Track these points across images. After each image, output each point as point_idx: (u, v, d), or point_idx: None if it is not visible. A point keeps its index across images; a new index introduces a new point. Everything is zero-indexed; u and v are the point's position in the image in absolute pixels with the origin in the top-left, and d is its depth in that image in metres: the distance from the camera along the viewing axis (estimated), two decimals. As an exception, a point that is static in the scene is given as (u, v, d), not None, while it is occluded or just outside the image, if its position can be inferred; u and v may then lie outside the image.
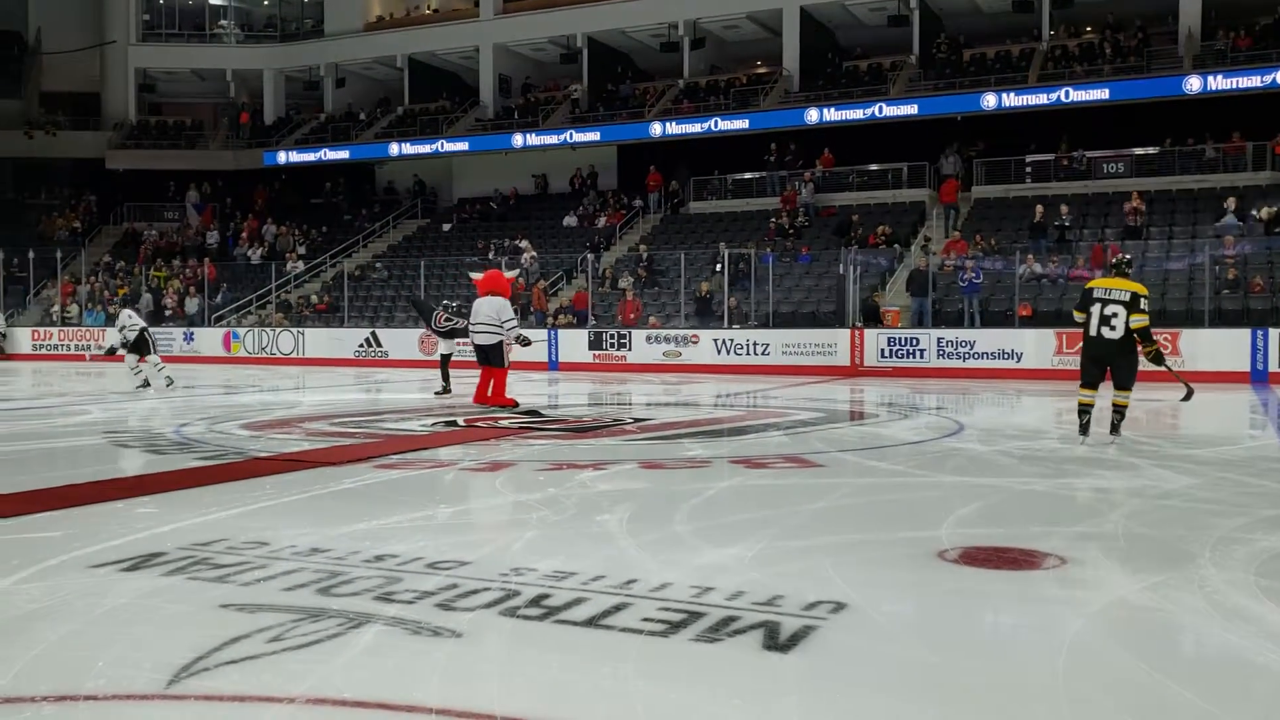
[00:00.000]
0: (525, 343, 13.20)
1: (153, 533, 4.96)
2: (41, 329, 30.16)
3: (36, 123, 37.07)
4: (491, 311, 12.06)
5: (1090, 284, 9.00)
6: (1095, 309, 8.64)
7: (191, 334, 27.97)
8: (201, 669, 3.06)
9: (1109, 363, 8.75)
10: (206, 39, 38.13)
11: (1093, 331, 8.67)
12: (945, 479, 7.05)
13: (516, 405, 12.03)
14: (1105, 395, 8.94)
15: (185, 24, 38.12)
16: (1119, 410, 8.89)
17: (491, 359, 12.06)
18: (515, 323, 12.46)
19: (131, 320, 15.34)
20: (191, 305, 29.63)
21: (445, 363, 14.72)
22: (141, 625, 3.54)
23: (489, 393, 12.15)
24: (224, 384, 18.18)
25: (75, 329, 29.66)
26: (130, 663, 3.13)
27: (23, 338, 29.90)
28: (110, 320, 29.81)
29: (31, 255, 31.81)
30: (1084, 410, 8.86)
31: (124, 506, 5.74)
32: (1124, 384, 8.81)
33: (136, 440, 9.00)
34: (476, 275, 13.22)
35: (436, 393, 14.29)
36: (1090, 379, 8.85)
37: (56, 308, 30.88)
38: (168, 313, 29.79)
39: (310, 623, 3.52)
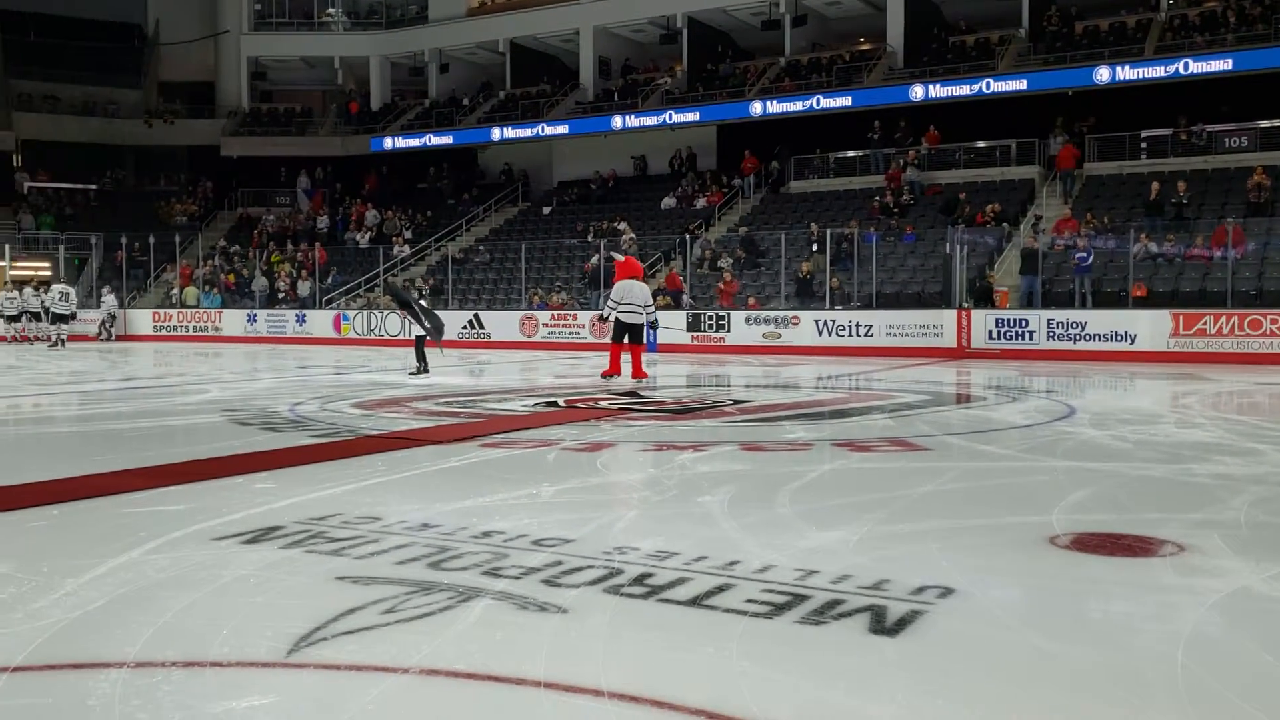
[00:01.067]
0: (656, 325, 14.33)
1: (270, 507, 5.13)
2: (162, 311, 31.39)
3: (155, 111, 38.53)
4: (642, 295, 13.48)
5: None
6: None
7: (304, 316, 28.80)
8: (319, 639, 3.16)
9: None
10: (315, 27, 39.07)
11: None
12: (1056, 463, 6.87)
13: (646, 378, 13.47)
14: None
15: (295, 13, 39.14)
16: None
17: (635, 337, 13.54)
18: (654, 306, 13.96)
19: None
20: (303, 288, 30.52)
21: (421, 343, 15.00)
22: (262, 596, 3.67)
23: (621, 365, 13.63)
24: (335, 364, 18.69)
25: (194, 310, 30.80)
26: (252, 631, 3.25)
27: (144, 319, 31.17)
28: (228, 303, 30.91)
29: (151, 240, 33.12)
30: None
31: (243, 481, 5.95)
32: None
33: (254, 418, 9.31)
34: (619, 257, 14.66)
35: (411, 373, 14.51)
36: None
37: (175, 290, 32.10)
38: (281, 295, 30.73)
39: (422, 596, 3.61)
